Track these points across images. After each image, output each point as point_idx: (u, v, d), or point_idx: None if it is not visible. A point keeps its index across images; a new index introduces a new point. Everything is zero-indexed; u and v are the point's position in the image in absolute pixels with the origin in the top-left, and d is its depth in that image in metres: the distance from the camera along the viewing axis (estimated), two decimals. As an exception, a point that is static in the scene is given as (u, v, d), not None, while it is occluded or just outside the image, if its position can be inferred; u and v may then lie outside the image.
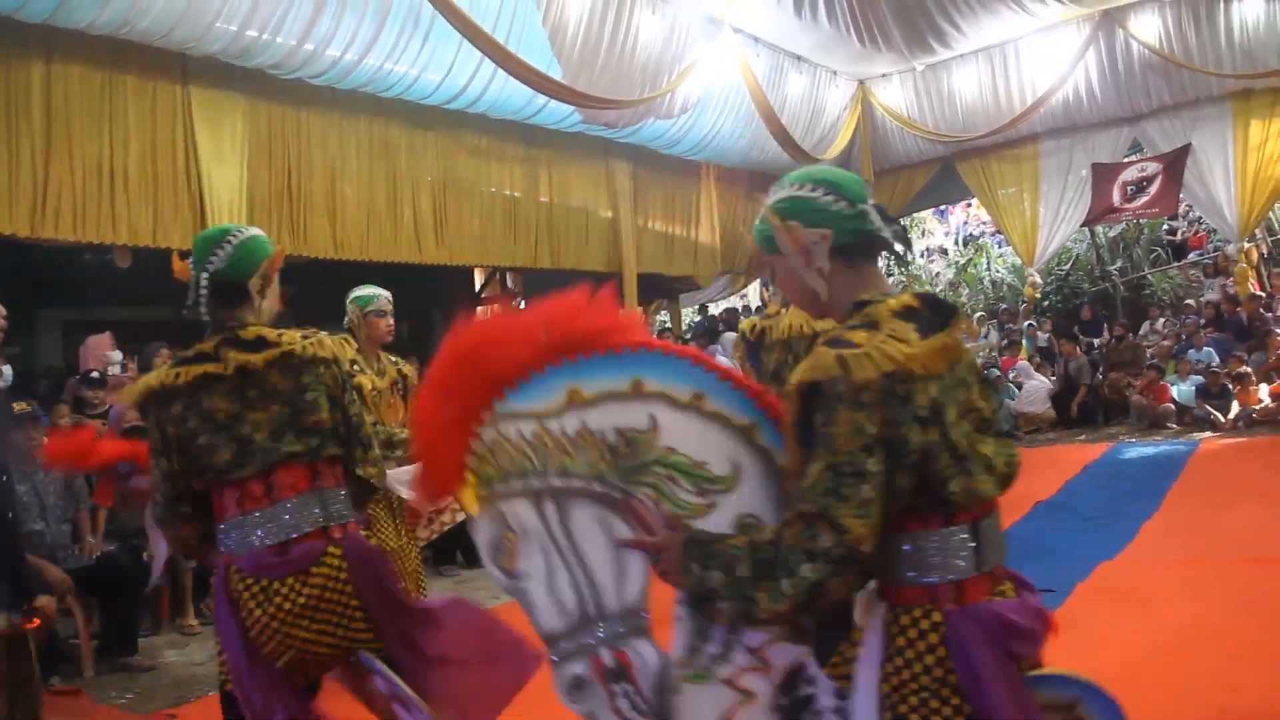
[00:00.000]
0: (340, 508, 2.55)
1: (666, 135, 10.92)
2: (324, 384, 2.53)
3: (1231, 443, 9.90)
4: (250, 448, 2.45)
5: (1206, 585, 4.91)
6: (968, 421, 1.67)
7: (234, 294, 2.55)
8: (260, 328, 2.54)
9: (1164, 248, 16.39)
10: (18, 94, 6.31)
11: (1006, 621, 1.64)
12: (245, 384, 2.46)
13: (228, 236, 2.57)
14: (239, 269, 2.54)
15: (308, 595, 2.42)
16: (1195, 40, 11.61)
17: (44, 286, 8.95)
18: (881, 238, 1.79)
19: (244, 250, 2.55)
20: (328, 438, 2.52)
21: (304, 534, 2.46)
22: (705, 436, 1.83)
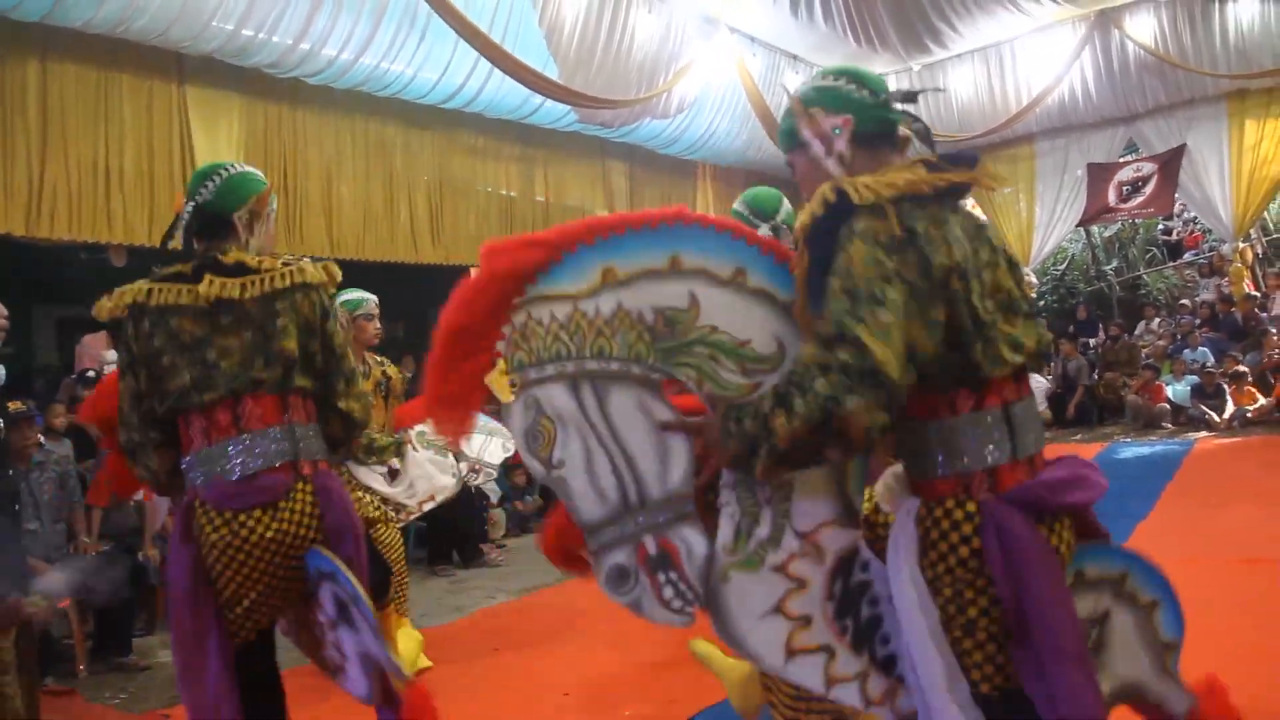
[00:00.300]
0: (311, 444, 2.48)
1: (662, 135, 10.92)
2: (297, 311, 2.45)
3: (1227, 442, 9.92)
4: (214, 373, 2.38)
5: (1201, 585, 4.90)
6: (993, 300, 1.66)
7: (219, 226, 2.51)
8: (241, 254, 2.48)
9: (1159, 248, 16.42)
10: (13, 92, 6.31)
11: (1053, 483, 1.65)
12: (218, 308, 2.41)
13: (218, 170, 2.55)
14: (225, 202, 2.51)
15: (276, 529, 2.36)
16: (1190, 40, 11.63)
17: (39, 285, 8.93)
18: (897, 123, 1.80)
19: (232, 184, 2.52)
20: (293, 368, 2.44)
21: (272, 467, 2.39)
22: (749, 314, 1.79)
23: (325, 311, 2.50)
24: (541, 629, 5.45)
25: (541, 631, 5.37)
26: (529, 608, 6.08)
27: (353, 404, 2.52)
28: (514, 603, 6.24)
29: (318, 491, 2.42)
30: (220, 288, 2.38)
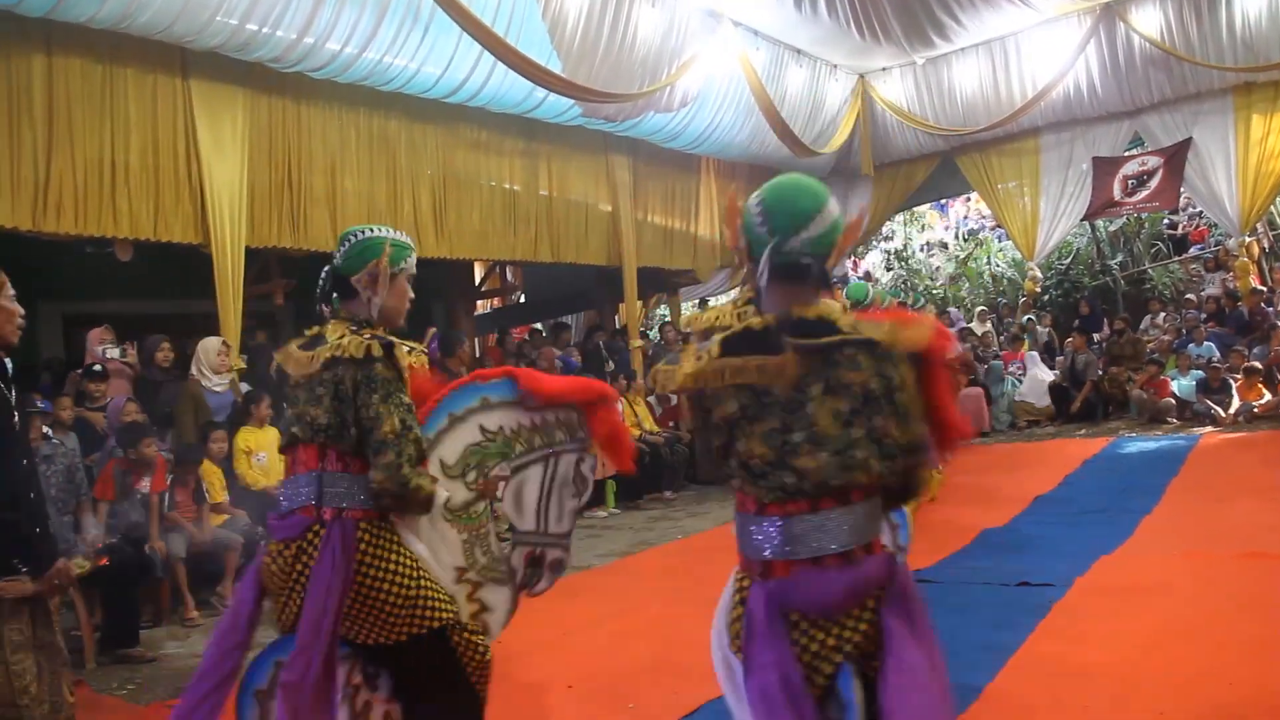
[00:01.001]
0: (338, 491, 2.64)
1: (666, 129, 10.91)
2: (336, 384, 2.64)
3: (1232, 438, 9.91)
4: (288, 421, 2.79)
5: (1206, 580, 4.91)
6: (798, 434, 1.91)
7: (345, 289, 2.79)
8: (336, 325, 2.74)
9: (1165, 242, 16.38)
10: (19, 88, 6.32)
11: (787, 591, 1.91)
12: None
13: (350, 236, 2.83)
14: (348, 266, 2.78)
15: (284, 563, 2.64)
16: (1196, 33, 11.59)
17: (45, 280, 8.95)
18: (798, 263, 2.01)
19: (357, 249, 2.79)
20: (324, 431, 2.65)
21: (299, 506, 2.66)
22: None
23: (358, 386, 2.62)
24: (545, 622, 5.46)
25: (544, 624, 5.38)
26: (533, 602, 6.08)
27: (376, 474, 2.59)
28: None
29: (326, 537, 2.59)
30: (296, 364, 2.75)
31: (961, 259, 18.90)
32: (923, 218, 20.52)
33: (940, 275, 18.92)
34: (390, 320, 2.82)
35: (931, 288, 18.18)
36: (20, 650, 2.92)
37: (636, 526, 8.49)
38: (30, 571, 2.89)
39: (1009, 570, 5.32)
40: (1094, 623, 4.36)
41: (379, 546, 2.64)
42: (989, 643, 4.16)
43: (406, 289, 2.86)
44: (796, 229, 1.96)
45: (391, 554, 2.65)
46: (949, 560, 5.79)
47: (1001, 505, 7.24)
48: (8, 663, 2.88)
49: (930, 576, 5.42)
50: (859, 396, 1.90)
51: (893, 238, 19.97)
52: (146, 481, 6.05)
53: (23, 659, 2.92)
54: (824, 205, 1.99)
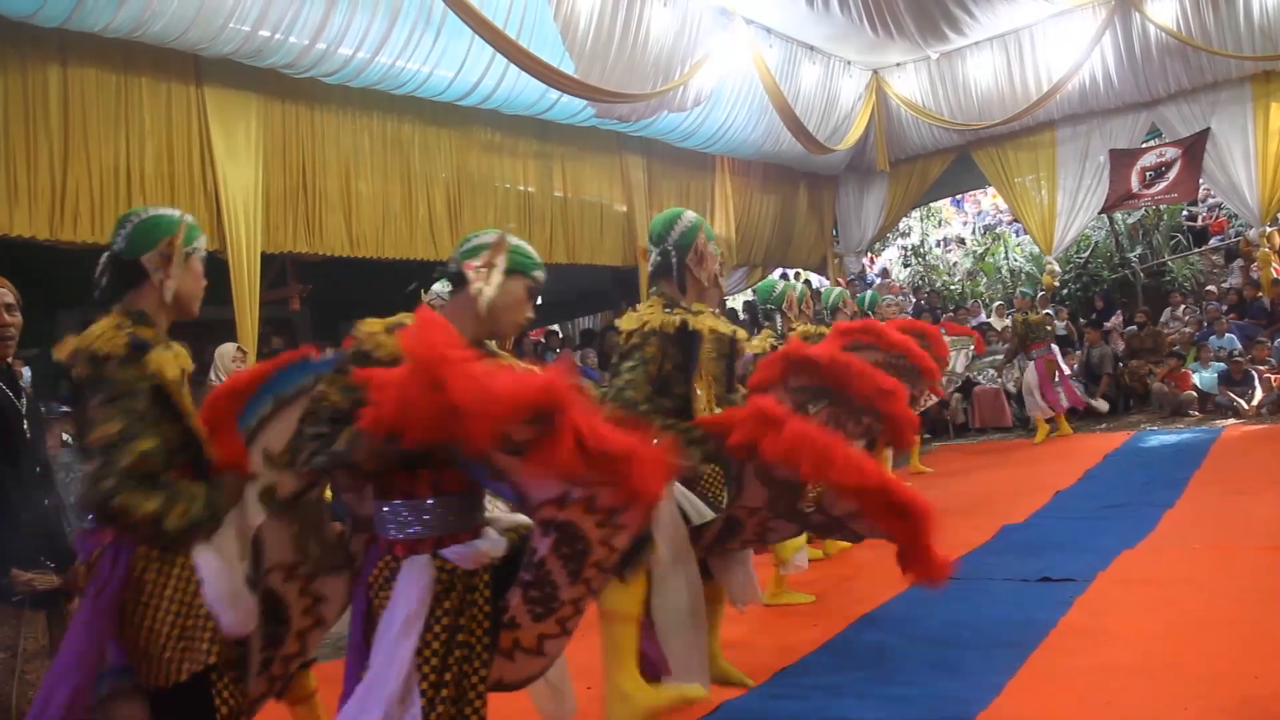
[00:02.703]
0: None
1: (680, 128, 10.90)
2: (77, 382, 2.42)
3: (1254, 429, 9.81)
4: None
5: (1229, 573, 4.86)
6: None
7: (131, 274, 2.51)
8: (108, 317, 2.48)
9: (1184, 234, 16.23)
10: (35, 98, 6.37)
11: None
12: None
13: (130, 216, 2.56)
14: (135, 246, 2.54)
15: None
16: (1213, 22, 11.49)
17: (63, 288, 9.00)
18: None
19: (144, 228, 2.52)
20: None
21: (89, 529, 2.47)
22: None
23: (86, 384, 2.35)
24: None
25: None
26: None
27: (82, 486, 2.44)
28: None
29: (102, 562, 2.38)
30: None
31: (979, 254, 18.80)
32: (939, 213, 20.42)
33: (958, 271, 18.81)
34: (185, 306, 2.57)
35: (949, 283, 18.08)
36: (35, 659, 2.94)
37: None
38: (57, 566, 2.91)
39: (1030, 566, 5.27)
40: (1116, 618, 4.32)
41: (159, 573, 2.35)
42: (1010, 639, 4.12)
43: (201, 272, 2.61)
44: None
45: (168, 584, 2.36)
46: (969, 556, 5.75)
47: (1022, 500, 7.19)
48: (22, 671, 2.90)
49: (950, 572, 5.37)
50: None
51: (909, 234, 19.89)
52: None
53: (36, 668, 2.94)
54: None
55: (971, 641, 4.19)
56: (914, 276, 18.66)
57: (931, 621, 4.56)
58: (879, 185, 14.93)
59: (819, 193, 14.78)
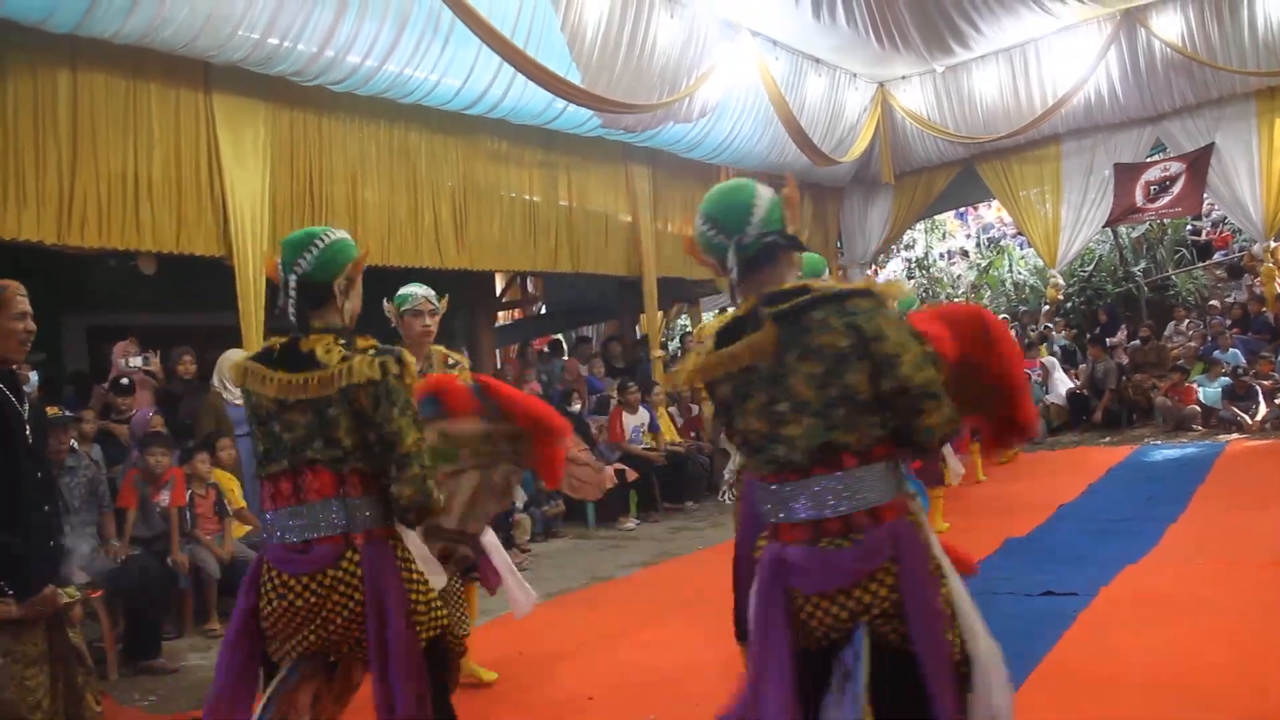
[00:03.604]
0: (365, 515, 2.58)
1: (685, 139, 10.91)
2: (351, 404, 2.52)
3: (1258, 445, 9.80)
4: (279, 445, 2.60)
5: (1232, 589, 4.86)
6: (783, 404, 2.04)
7: (319, 295, 2.65)
8: (319, 340, 2.59)
9: (1188, 248, 16.26)
10: (45, 102, 6.39)
11: (783, 559, 2.06)
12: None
13: (315, 240, 2.66)
14: (325, 271, 2.64)
15: (315, 594, 2.53)
16: (1218, 38, 11.51)
17: (69, 293, 9.05)
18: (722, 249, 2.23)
19: (330, 253, 2.65)
20: (350, 453, 2.55)
21: (325, 536, 2.55)
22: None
23: (379, 402, 2.52)
24: (566, 633, 5.45)
25: (566, 635, 5.37)
26: (554, 611, 6.08)
27: (403, 489, 2.52)
28: (539, 607, 6.23)
29: (364, 562, 2.54)
30: (282, 387, 2.57)
31: (983, 267, 18.82)
32: (944, 226, 20.44)
33: (962, 283, 18.84)
34: (353, 322, 2.76)
35: (953, 296, 18.09)
36: (34, 664, 2.94)
37: (658, 537, 8.47)
38: (16, 595, 2.90)
39: (1033, 580, 5.27)
40: (1119, 633, 4.31)
41: (406, 560, 2.65)
42: (1012, 653, 4.10)
43: (361, 293, 2.80)
44: (745, 219, 2.16)
45: (414, 566, 2.67)
46: (972, 570, 5.74)
47: (1025, 514, 7.19)
48: (21, 677, 2.90)
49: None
50: (830, 357, 1.98)
51: (914, 246, 19.91)
52: (165, 495, 6.07)
53: (36, 674, 2.94)
54: (755, 191, 2.21)
55: (974, 655, 4.18)
56: (918, 289, 18.67)
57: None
58: (884, 197, 14.94)
59: (824, 204, 14.79)
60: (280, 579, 2.56)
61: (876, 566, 1.97)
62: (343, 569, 2.53)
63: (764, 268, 2.15)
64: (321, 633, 2.57)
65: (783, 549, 2.06)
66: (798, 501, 2.04)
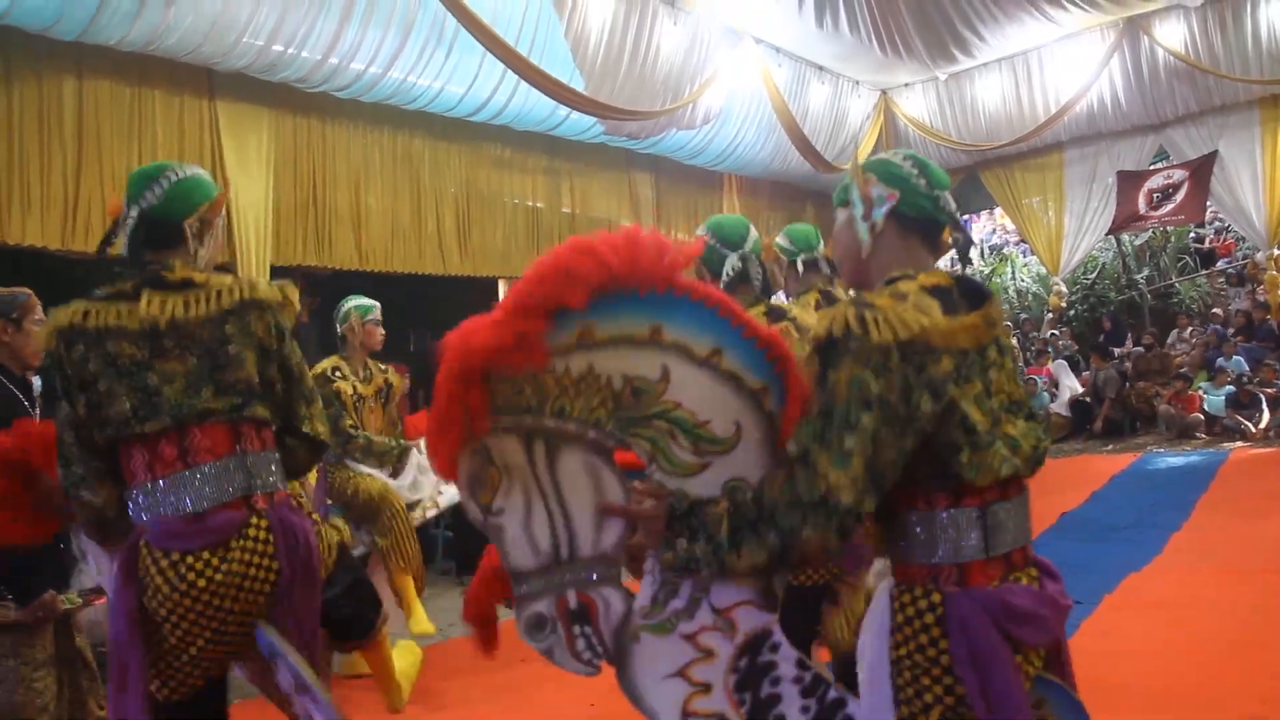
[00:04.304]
0: (267, 475, 2.28)
1: (689, 146, 10.94)
2: (250, 334, 2.25)
3: (1262, 453, 9.78)
4: (156, 400, 2.18)
5: (1236, 596, 4.85)
6: (995, 400, 1.70)
7: (166, 235, 2.32)
8: (189, 270, 2.29)
9: (1191, 256, 16.24)
10: (50, 109, 6.41)
11: (1009, 606, 1.63)
12: (160, 329, 2.21)
13: (165, 173, 2.35)
14: (175, 208, 2.32)
15: (226, 572, 2.17)
16: (1221, 46, 11.50)
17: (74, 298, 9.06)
18: (941, 223, 1.84)
19: (182, 188, 2.35)
20: (253, 395, 2.25)
21: (223, 503, 2.20)
22: (715, 395, 1.79)
23: (281, 332, 2.30)
24: (568, 639, 5.43)
25: (568, 642, 5.36)
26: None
27: (318, 426, 2.33)
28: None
29: (273, 527, 2.23)
30: (161, 307, 2.20)
31: (986, 274, 18.80)
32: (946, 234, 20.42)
33: (964, 291, 18.81)
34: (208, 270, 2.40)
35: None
36: (42, 668, 2.96)
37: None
38: (16, 599, 2.92)
39: (1036, 587, 5.26)
40: (1123, 640, 4.31)
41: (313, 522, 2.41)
42: (1016, 661, 4.11)
43: (221, 244, 2.50)
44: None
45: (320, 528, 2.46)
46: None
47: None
48: (29, 680, 2.91)
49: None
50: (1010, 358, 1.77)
51: (916, 253, 19.89)
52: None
53: (44, 676, 2.95)
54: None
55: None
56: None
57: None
58: (887, 205, 14.92)
59: (827, 211, 14.73)
60: (170, 560, 2.16)
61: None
62: (248, 538, 2.20)
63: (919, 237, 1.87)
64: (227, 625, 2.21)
65: (994, 595, 1.65)
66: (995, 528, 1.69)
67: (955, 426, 1.62)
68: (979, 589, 1.65)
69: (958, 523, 1.66)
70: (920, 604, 1.66)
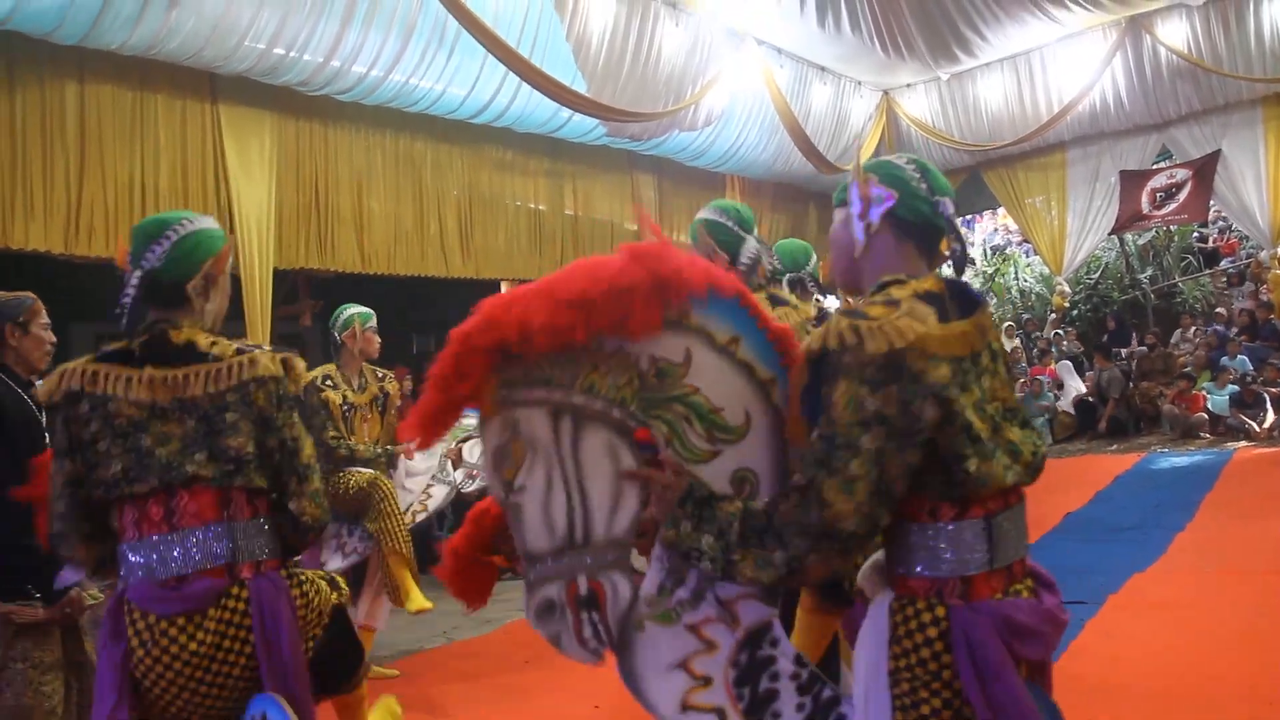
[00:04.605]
0: (255, 543, 2.24)
1: (691, 147, 10.94)
2: (250, 404, 2.23)
3: (1267, 452, 9.76)
4: (147, 461, 2.18)
5: (1241, 597, 4.84)
6: (992, 407, 1.68)
7: (170, 296, 2.29)
8: (194, 332, 2.28)
9: (1195, 255, 16.20)
10: (53, 113, 6.42)
11: (1011, 621, 1.62)
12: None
13: (166, 231, 2.32)
14: (177, 270, 2.29)
15: (200, 641, 2.15)
16: (1224, 45, 11.48)
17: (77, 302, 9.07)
18: (939, 230, 1.82)
19: (183, 249, 2.30)
20: (245, 465, 2.22)
21: (204, 569, 2.18)
22: (730, 383, 1.82)
23: (281, 403, 2.27)
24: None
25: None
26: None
27: (305, 504, 2.27)
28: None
29: (252, 599, 2.19)
30: (162, 383, 2.20)
31: (989, 275, 18.78)
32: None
33: (967, 291, 18.78)
34: (217, 325, 2.39)
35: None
36: (50, 671, 2.96)
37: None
38: (44, 598, 2.92)
39: (1040, 588, 5.25)
40: (1127, 641, 4.30)
41: (305, 593, 2.37)
42: (1020, 662, 4.10)
43: (228, 290, 2.45)
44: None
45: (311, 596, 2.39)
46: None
47: (1032, 522, 7.06)
48: (37, 683, 2.92)
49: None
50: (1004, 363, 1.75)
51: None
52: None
53: (52, 680, 2.96)
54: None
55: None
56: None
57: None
58: (889, 205, 14.91)
59: (829, 212, 14.66)
60: (147, 621, 2.16)
61: None
62: (227, 609, 2.17)
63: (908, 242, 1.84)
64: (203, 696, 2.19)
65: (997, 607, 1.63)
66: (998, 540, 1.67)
67: (959, 435, 1.60)
68: (983, 602, 1.63)
69: (963, 535, 1.64)
70: (924, 617, 1.64)
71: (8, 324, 3.09)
